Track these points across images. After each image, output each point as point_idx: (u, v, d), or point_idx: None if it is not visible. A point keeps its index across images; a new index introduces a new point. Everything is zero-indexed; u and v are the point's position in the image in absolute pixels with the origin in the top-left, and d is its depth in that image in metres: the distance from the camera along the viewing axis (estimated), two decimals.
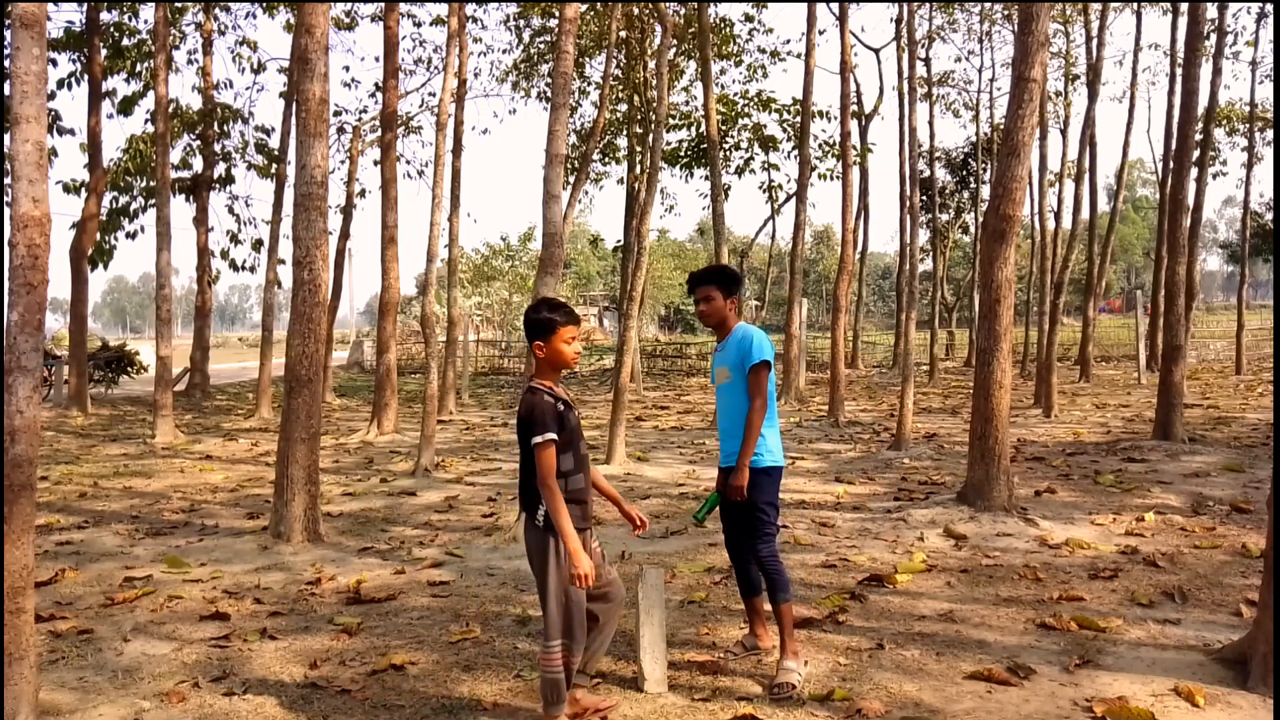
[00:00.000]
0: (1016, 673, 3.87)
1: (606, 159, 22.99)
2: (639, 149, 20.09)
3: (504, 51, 32.87)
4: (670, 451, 10.98)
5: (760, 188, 24.55)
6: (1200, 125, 14.63)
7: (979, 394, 6.91)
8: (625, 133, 21.48)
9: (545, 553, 3.17)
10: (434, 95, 22.02)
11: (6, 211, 3.54)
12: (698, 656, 4.16)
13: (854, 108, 20.13)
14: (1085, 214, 18.56)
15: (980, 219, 28.52)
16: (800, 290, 16.68)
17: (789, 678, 3.74)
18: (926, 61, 26.37)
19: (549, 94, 15.00)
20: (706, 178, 21.91)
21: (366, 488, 8.88)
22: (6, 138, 3.49)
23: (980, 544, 6.08)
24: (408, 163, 21.64)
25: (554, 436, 3.06)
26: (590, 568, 3.07)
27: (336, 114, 20.80)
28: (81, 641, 4.45)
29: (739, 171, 22.86)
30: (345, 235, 20.81)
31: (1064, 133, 24.77)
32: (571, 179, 17.67)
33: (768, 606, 4.01)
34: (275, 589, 5.35)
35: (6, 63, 3.73)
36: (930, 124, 28.19)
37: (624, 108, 20.91)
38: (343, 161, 21.43)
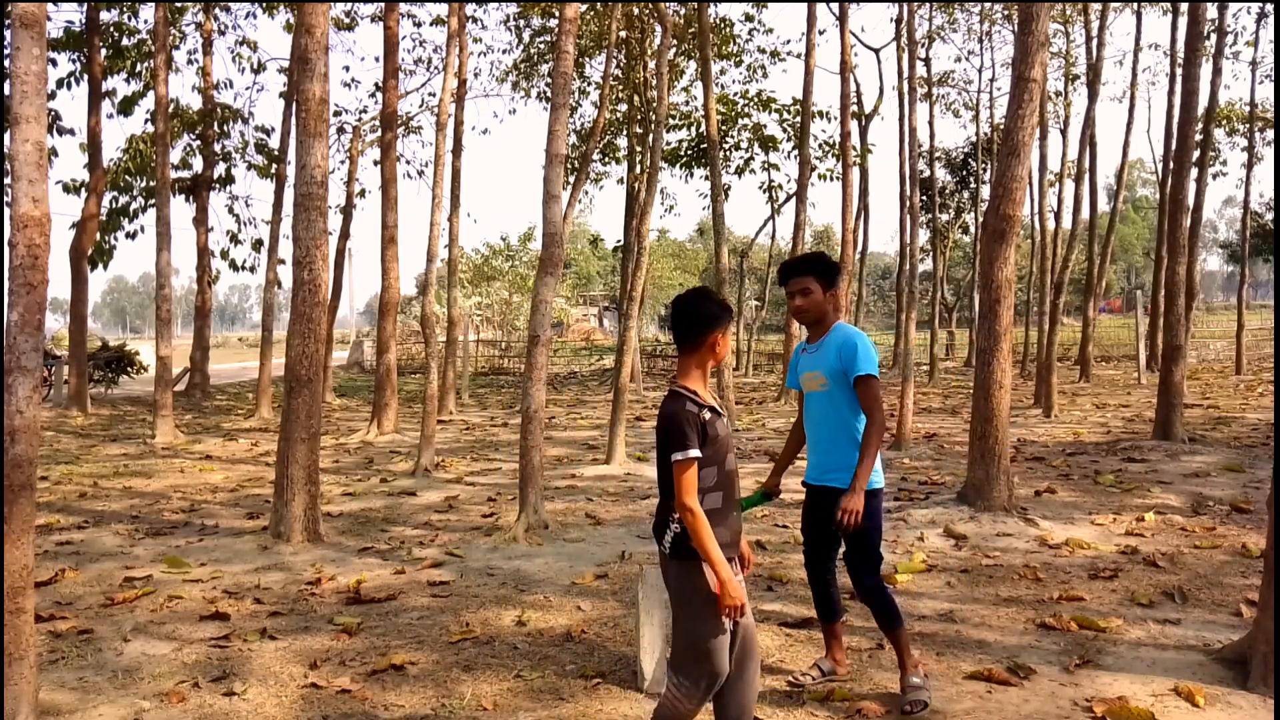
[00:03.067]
0: (1016, 673, 3.87)
1: (606, 159, 22.98)
2: (639, 149, 20.08)
3: (504, 51, 32.88)
4: None
5: (760, 188, 24.54)
6: (1200, 125, 14.62)
7: (979, 394, 6.91)
8: (625, 133, 21.46)
9: (680, 579, 2.73)
10: (434, 95, 22.03)
11: (6, 211, 3.54)
12: None
13: (854, 108, 20.12)
14: (1085, 214, 18.56)
15: (980, 219, 28.52)
16: None
17: (920, 695, 3.52)
18: (926, 61, 26.36)
19: (549, 94, 14.99)
20: (706, 178, 21.91)
21: (366, 488, 8.88)
22: (6, 137, 3.49)
23: (980, 544, 6.08)
24: (408, 163, 21.66)
25: (696, 454, 2.62)
26: (743, 596, 2.68)
27: (336, 114, 20.81)
28: (81, 641, 4.45)
29: (739, 171, 22.85)
30: (345, 235, 20.81)
31: (1064, 133, 24.77)
32: (572, 179, 17.67)
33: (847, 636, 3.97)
34: (275, 589, 5.35)
35: (6, 63, 3.73)
36: (930, 124, 28.19)
37: (624, 108, 20.90)
38: (343, 161, 21.43)
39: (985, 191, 27.79)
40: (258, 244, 20.35)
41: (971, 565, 5.59)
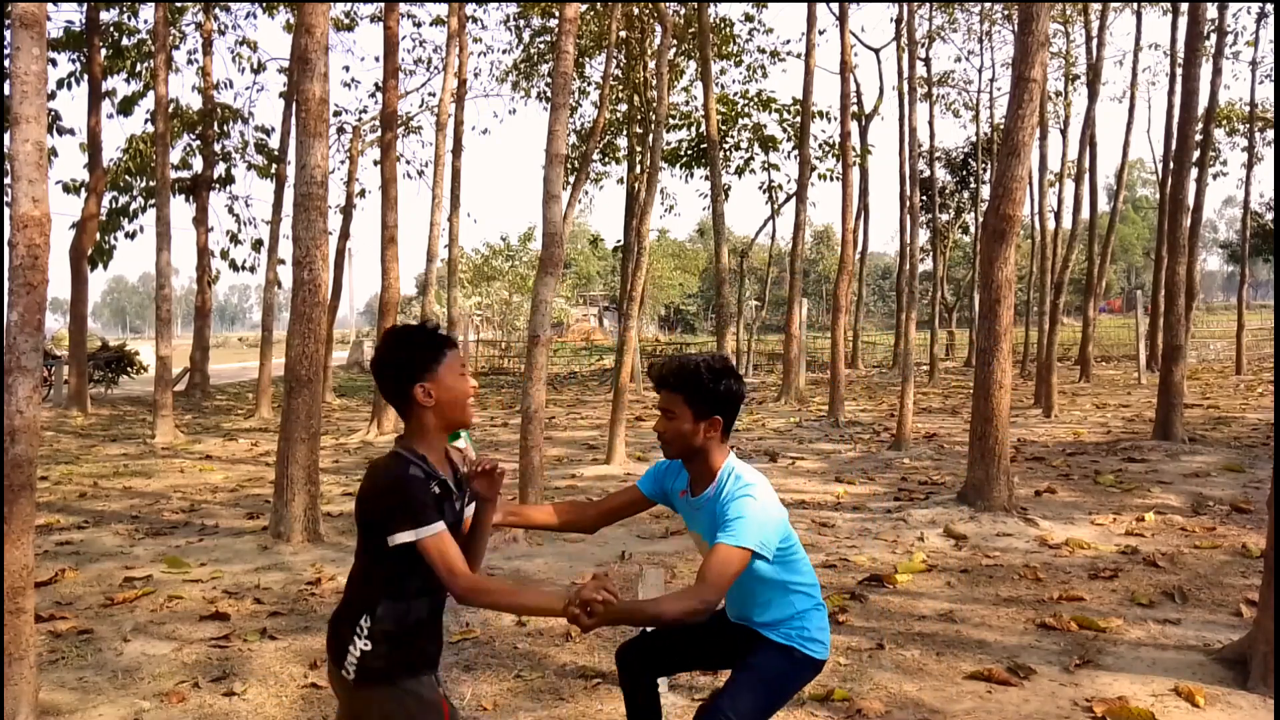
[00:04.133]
0: (1016, 673, 3.87)
1: (606, 159, 22.99)
2: (639, 149, 20.09)
3: (504, 51, 32.86)
4: None
5: (760, 188, 24.53)
6: (1200, 125, 14.63)
7: (979, 394, 6.91)
8: (625, 132, 21.47)
9: (382, 715, 2.05)
10: (434, 95, 22.02)
11: (6, 211, 3.54)
12: None
13: (854, 108, 20.12)
14: (1085, 214, 18.57)
15: (980, 219, 28.53)
16: (800, 290, 16.68)
17: None
18: (926, 61, 26.37)
19: (549, 94, 15.00)
20: (706, 178, 21.91)
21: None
22: (6, 138, 3.49)
23: (980, 544, 6.08)
24: (408, 163, 21.66)
25: (440, 526, 1.97)
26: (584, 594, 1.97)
27: (336, 114, 20.80)
28: (81, 641, 4.45)
29: (739, 171, 22.85)
30: (345, 235, 20.82)
31: (1064, 132, 24.78)
32: (571, 179, 17.67)
33: None
34: (275, 589, 5.35)
35: (6, 62, 3.73)
36: (930, 124, 28.21)
37: (624, 108, 20.91)
38: (343, 161, 21.44)
39: (985, 191, 27.79)
40: (257, 244, 20.35)
41: (971, 565, 5.60)
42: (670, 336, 54.39)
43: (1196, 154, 14.74)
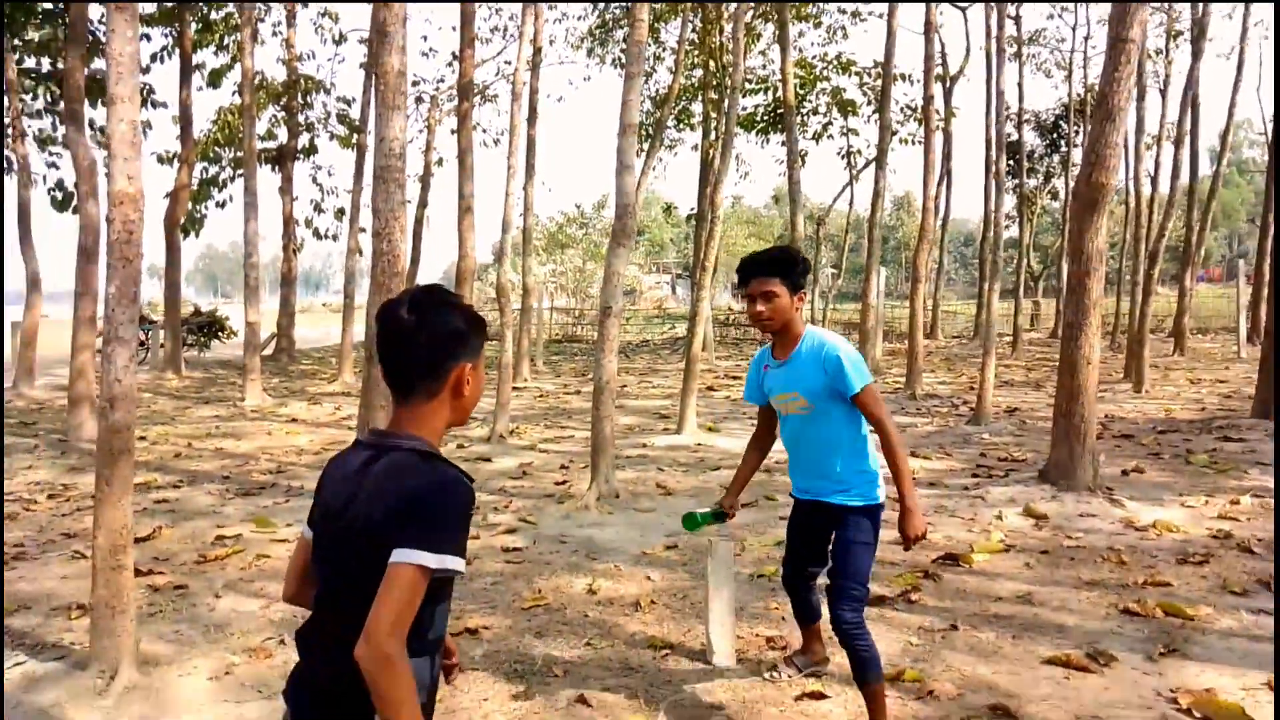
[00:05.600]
0: (1097, 659, 3.76)
1: (681, 125, 22.77)
2: (714, 115, 19.81)
3: (579, 18, 32.74)
4: (741, 423, 10.94)
5: (838, 153, 24.02)
6: None
7: (1065, 370, 6.67)
8: (700, 98, 21.19)
9: None
10: (510, 64, 22.08)
11: (103, 186, 3.69)
12: (766, 631, 4.16)
13: (938, 69, 19.43)
14: (1185, 178, 17.62)
15: (1070, 184, 27.36)
16: (878, 258, 16.31)
17: None
18: (1016, 19, 25.24)
19: (624, 60, 14.90)
20: (783, 143, 21.52)
21: (444, 453, 9.08)
22: (104, 116, 3.62)
23: (1062, 524, 5.90)
24: (484, 131, 21.79)
25: (460, 566, 1.52)
26: None
27: (414, 84, 21.07)
28: (177, 596, 4.69)
29: (816, 137, 22.38)
30: (423, 204, 21.16)
31: (1164, 92, 23.47)
32: (645, 146, 17.55)
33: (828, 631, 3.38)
34: None
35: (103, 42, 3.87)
36: (1020, 85, 27.05)
37: (699, 73, 20.61)
38: (420, 131, 21.72)
39: (1076, 155, 26.61)
40: (340, 213, 20.87)
41: (1052, 546, 5.44)
42: (743, 306, 53.97)
43: None
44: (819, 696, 3.45)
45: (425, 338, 1.61)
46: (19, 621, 4.30)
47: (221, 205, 19.86)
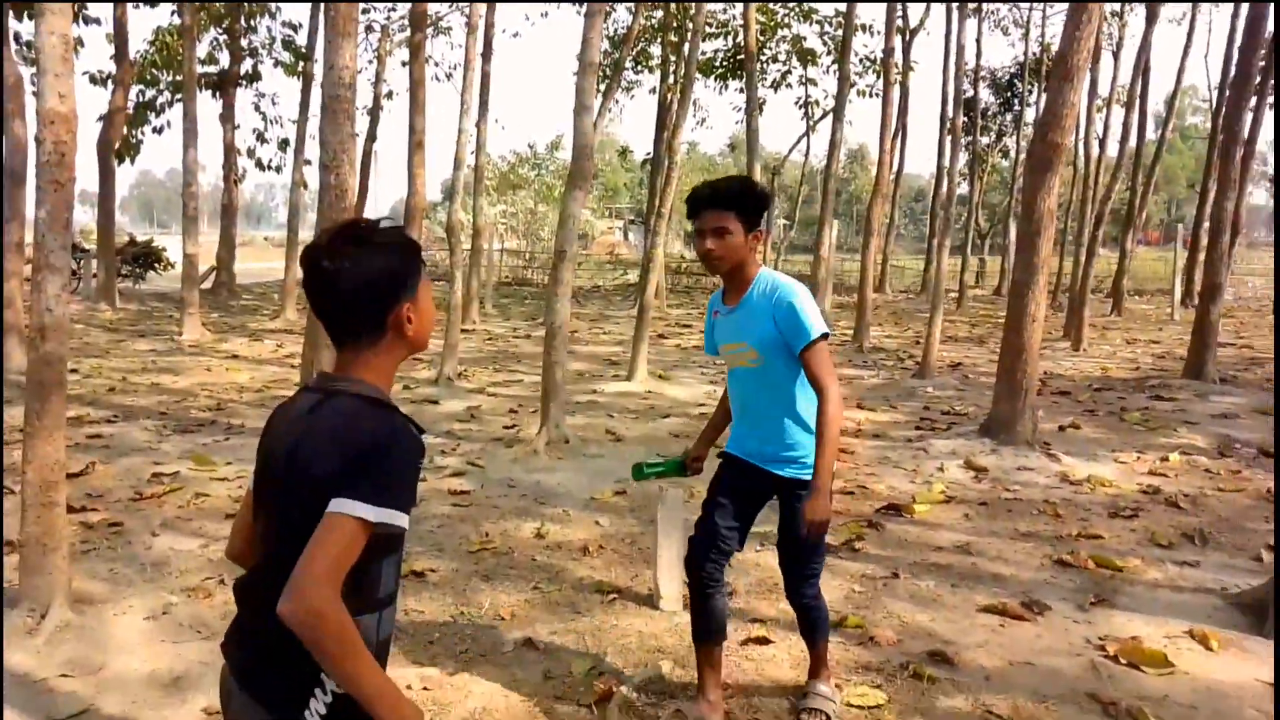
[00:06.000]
0: (1031, 608, 3.89)
1: (639, 67, 22.35)
2: (673, 58, 19.48)
3: None
4: (692, 371, 10.98)
5: (796, 103, 23.89)
6: (1264, 52, 13.93)
7: (1010, 327, 6.79)
8: (660, 40, 20.81)
9: None
10: None
11: (31, 105, 3.47)
12: None
13: (899, 21, 19.32)
14: (1133, 142, 17.90)
15: (1021, 143, 27.65)
16: (832, 211, 16.33)
17: (824, 705, 2.95)
18: None
19: None
20: (741, 90, 21.30)
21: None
22: (31, 29, 3.38)
23: (1001, 477, 6.06)
24: (436, 65, 21.15)
25: (404, 523, 1.42)
26: None
27: (365, 11, 20.27)
28: (112, 534, 4.57)
29: (775, 85, 22.19)
30: (371, 138, 20.54)
31: (1116, 55, 23.70)
32: (602, 87, 17.20)
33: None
34: None
35: None
36: (977, 41, 27.07)
37: (659, 14, 20.21)
38: (370, 62, 20.99)
39: (1029, 114, 26.87)
40: (284, 144, 20.10)
41: (991, 498, 5.59)
42: (694, 254, 53.84)
43: (1257, 81, 14.09)
44: (764, 641, 3.51)
45: (353, 287, 1.45)
46: None
47: (159, 131, 18.97)
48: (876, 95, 21.27)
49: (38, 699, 2.98)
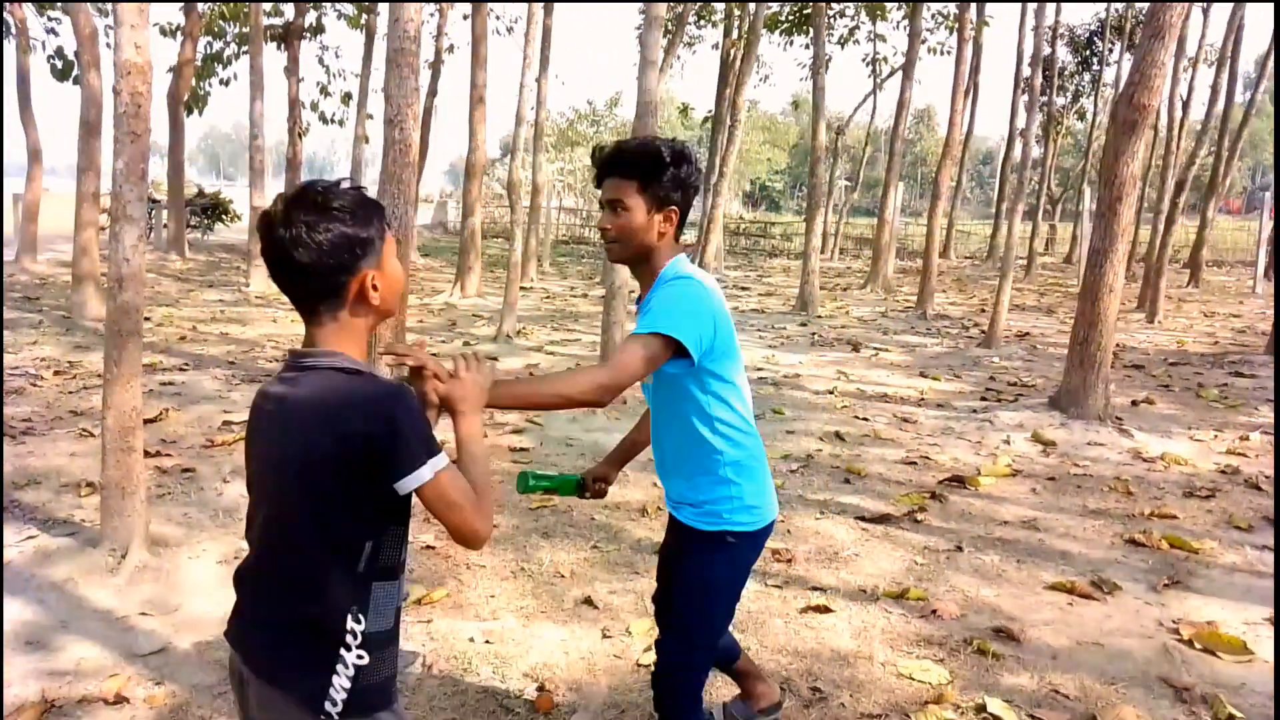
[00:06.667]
0: (1100, 588, 3.78)
1: (702, 21, 21.92)
2: (738, 12, 19.04)
3: None
4: (749, 334, 10.87)
5: (863, 60, 23.24)
6: None
7: (1086, 297, 6.55)
8: None
9: None
10: None
11: (106, 57, 3.51)
12: (771, 544, 4.17)
13: None
14: (1220, 105, 17.04)
15: (1100, 104, 26.56)
16: (898, 173, 15.94)
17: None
18: None
19: None
20: (806, 46, 20.79)
21: (450, 350, 9.05)
22: None
23: (1070, 452, 5.89)
24: (498, 19, 20.96)
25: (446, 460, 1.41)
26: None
27: None
28: (185, 479, 4.70)
29: (841, 42, 21.59)
30: (432, 93, 20.54)
31: (1206, 11, 22.50)
32: (664, 42, 16.91)
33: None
34: None
35: None
36: None
37: None
38: (432, 14, 20.90)
39: (1109, 75, 25.76)
40: (346, 97, 20.25)
41: (1059, 473, 5.44)
42: (754, 215, 53.20)
43: None
44: (824, 610, 3.47)
45: (308, 256, 1.36)
46: (30, 496, 4.32)
47: (225, 83, 19.27)
48: (948, 52, 20.58)
49: (120, 635, 3.09)
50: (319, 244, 1.36)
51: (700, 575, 2.13)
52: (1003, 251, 10.62)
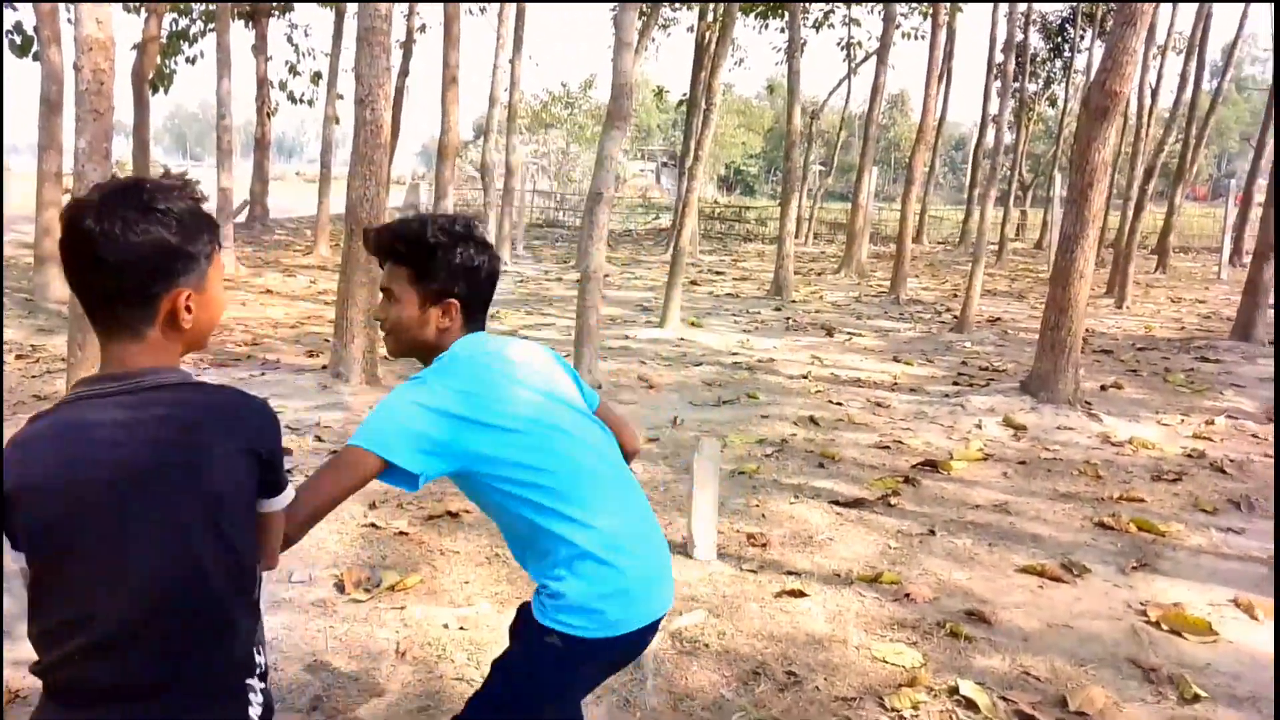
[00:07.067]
0: (1070, 570, 3.83)
1: (676, 3, 21.79)
2: None
3: None
4: (724, 319, 10.88)
5: (838, 44, 23.23)
6: None
7: (1057, 282, 6.61)
8: None
9: None
10: None
11: (67, 33, 3.40)
12: (747, 527, 4.19)
13: None
14: (1189, 92, 17.24)
15: (1071, 90, 26.79)
16: (872, 158, 15.98)
17: None
18: None
19: None
20: (782, 30, 20.75)
21: None
22: None
23: (1040, 436, 5.96)
24: None
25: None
26: None
27: None
28: None
29: (816, 26, 21.55)
30: (404, 73, 20.24)
31: (1174, 1, 22.71)
32: (639, 24, 16.80)
33: None
34: (335, 428, 5.48)
35: None
36: None
37: None
38: None
39: (1080, 61, 25.97)
40: (316, 77, 19.95)
41: (1030, 457, 5.50)
42: (729, 199, 53.23)
43: None
44: (799, 595, 3.49)
45: (115, 256, 1.18)
46: None
47: (191, 61, 18.88)
48: (923, 38, 20.62)
49: None
50: (132, 245, 1.18)
51: (509, 659, 1.79)
52: (975, 237, 10.69)
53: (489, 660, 2.91)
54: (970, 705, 2.80)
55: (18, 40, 15.13)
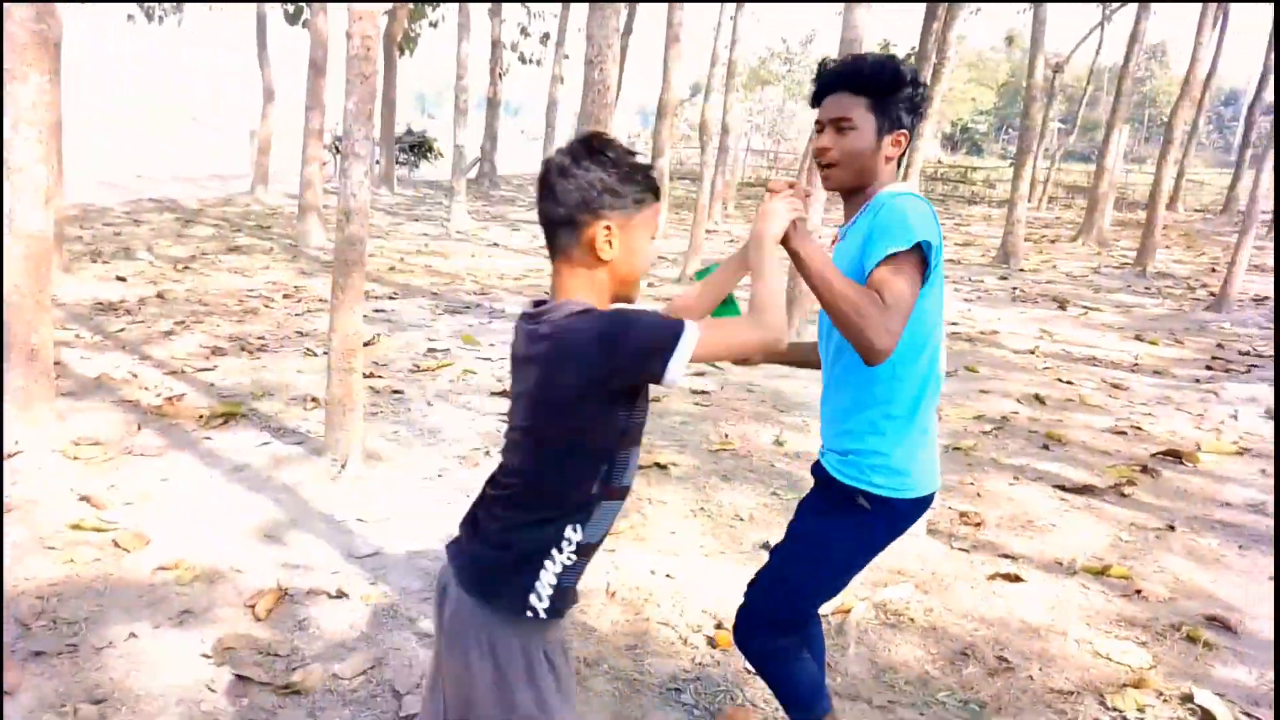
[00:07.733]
0: None
1: None
2: None
3: None
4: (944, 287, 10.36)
5: None
6: None
7: None
8: None
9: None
10: None
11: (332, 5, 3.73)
12: (960, 505, 4.02)
13: None
14: None
15: None
16: (1124, 115, 14.51)
17: None
18: None
19: None
20: None
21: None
22: None
23: None
24: None
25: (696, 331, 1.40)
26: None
27: None
28: (395, 400, 5.09)
29: None
30: (628, 31, 20.59)
31: None
32: None
33: None
34: None
35: None
36: None
37: None
38: None
39: None
40: (545, 38, 20.75)
41: None
42: (954, 159, 50.22)
43: None
44: (1014, 579, 3.33)
45: (564, 183, 1.43)
46: (265, 406, 4.82)
47: (434, 25, 20.21)
48: None
49: (341, 537, 3.43)
50: (576, 174, 1.43)
51: (819, 525, 1.94)
52: (1244, 204, 9.47)
53: (693, 608, 3.03)
54: (1206, 716, 2.57)
55: (289, 10, 16.78)
